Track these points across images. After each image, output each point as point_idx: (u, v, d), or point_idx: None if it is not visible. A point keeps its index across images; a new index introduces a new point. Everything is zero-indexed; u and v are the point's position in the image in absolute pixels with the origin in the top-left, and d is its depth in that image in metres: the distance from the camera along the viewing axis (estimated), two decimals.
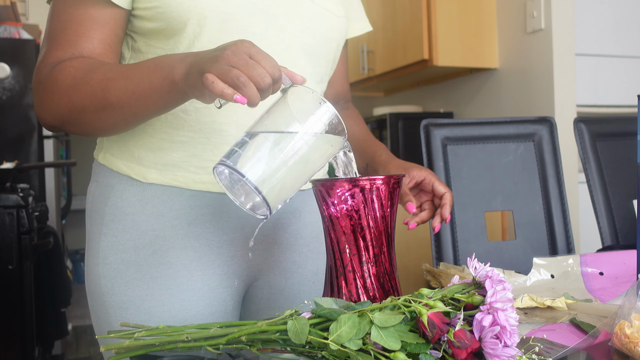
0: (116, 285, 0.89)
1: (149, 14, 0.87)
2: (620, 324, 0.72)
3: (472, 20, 2.75)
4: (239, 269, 0.95)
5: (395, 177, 0.75)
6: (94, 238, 0.93)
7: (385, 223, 0.75)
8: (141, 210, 0.90)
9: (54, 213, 3.00)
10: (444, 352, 0.59)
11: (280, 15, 0.91)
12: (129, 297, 0.89)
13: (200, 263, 0.91)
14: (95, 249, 0.92)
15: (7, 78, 2.93)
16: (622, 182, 1.53)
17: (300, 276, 1.00)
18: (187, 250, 0.90)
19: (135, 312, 0.89)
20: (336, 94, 1.13)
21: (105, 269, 0.90)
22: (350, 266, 0.75)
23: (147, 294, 0.89)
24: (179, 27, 0.86)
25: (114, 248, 0.90)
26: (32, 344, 2.05)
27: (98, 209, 0.93)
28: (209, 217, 0.92)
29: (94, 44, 0.86)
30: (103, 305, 0.91)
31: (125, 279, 0.89)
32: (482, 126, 1.52)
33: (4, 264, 1.99)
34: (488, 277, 0.62)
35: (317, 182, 0.75)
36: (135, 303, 0.89)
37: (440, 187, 0.97)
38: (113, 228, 0.91)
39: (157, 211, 0.90)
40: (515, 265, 1.23)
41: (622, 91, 2.64)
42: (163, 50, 0.89)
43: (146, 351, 0.67)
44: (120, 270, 0.89)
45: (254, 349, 0.64)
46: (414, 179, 0.98)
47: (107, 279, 0.90)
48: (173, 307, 0.89)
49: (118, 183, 0.92)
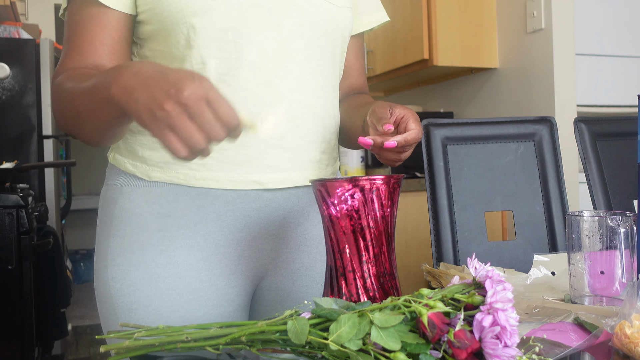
0: (125, 286, 0.89)
1: (146, 17, 0.88)
2: (620, 324, 0.72)
3: (472, 20, 2.74)
4: (247, 268, 0.95)
5: (396, 177, 0.75)
6: (102, 241, 0.93)
7: (385, 223, 0.75)
8: (148, 211, 0.91)
9: (54, 213, 3.00)
10: (444, 352, 0.59)
11: (275, 9, 0.90)
12: (138, 298, 0.89)
13: (207, 263, 0.91)
14: (104, 251, 0.92)
15: (7, 78, 2.93)
16: (622, 182, 1.53)
17: (308, 278, 1.00)
18: (194, 250, 0.90)
19: (144, 313, 0.89)
20: (351, 87, 1.12)
21: (114, 270, 0.90)
22: (350, 266, 0.75)
23: (155, 294, 0.89)
24: (172, 27, 0.86)
25: (122, 249, 0.90)
26: (32, 344, 2.05)
27: (108, 212, 0.94)
28: (214, 216, 0.91)
29: (96, 47, 0.87)
30: (112, 307, 0.90)
31: (134, 279, 0.89)
32: (482, 126, 1.52)
33: (4, 264, 1.99)
34: (488, 277, 0.62)
35: (316, 182, 0.75)
36: (144, 304, 0.89)
37: (412, 125, 0.85)
38: (121, 229, 0.91)
39: (164, 211, 0.91)
40: (516, 266, 1.23)
41: (622, 91, 2.64)
42: (164, 52, 0.89)
43: (146, 351, 0.67)
44: (129, 271, 0.89)
45: (253, 349, 0.64)
46: (394, 115, 0.88)
47: (116, 280, 0.90)
48: (181, 307, 0.89)
49: (126, 185, 0.93)
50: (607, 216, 0.89)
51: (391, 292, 0.75)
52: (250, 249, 0.94)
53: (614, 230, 0.89)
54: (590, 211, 0.93)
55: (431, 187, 1.45)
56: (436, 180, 1.45)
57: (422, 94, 3.41)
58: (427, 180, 1.45)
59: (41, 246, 2.17)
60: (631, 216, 0.89)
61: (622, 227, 0.88)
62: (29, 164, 2.66)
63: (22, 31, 3.12)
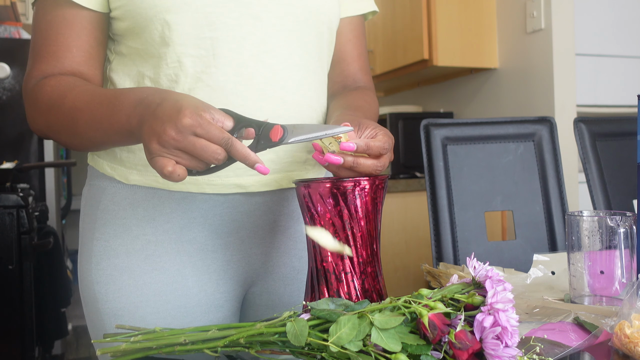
0: (110, 292, 0.87)
1: (119, 13, 0.85)
2: (620, 324, 0.72)
3: (472, 20, 2.74)
4: (236, 273, 0.92)
5: (380, 178, 0.74)
6: (86, 242, 0.91)
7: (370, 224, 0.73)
8: (132, 214, 0.88)
9: (54, 213, 3.00)
10: (445, 353, 0.59)
11: (254, 2, 0.85)
12: (123, 304, 0.87)
13: (194, 268, 0.89)
14: (88, 253, 0.90)
15: (7, 78, 2.93)
16: (622, 182, 1.53)
17: (300, 282, 0.97)
18: (180, 255, 0.88)
19: (130, 320, 0.87)
20: (343, 74, 1.04)
21: (98, 274, 0.88)
22: (331, 268, 0.73)
23: (141, 300, 0.87)
24: (146, 24, 0.83)
25: (106, 253, 0.88)
26: (32, 344, 2.05)
27: (90, 212, 0.91)
28: (201, 220, 0.89)
29: (73, 53, 0.85)
30: (98, 312, 0.89)
31: (119, 285, 0.87)
32: (482, 126, 1.52)
33: (4, 264, 1.99)
34: (488, 277, 0.62)
35: (299, 183, 0.74)
36: (129, 310, 0.87)
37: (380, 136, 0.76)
38: (105, 232, 0.88)
39: (148, 215, 0.88)
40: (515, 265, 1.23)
41: (622, 91, 2.64)
42: (139, 50, 0.86)
43: (144, 354, 0.66)
44: (114, 276, 0.87)
45: (252, 351, 0.63)
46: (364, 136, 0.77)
47: (101, 285, 0.88)
48: (168, 314, 0.87)
49: (109, 186, 0.90)
50: (606, 216, 0.89)
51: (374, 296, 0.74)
52: (240, 253, 0.92)
53: (613, 230, 0.89)
54: (589, 211, 0.93)
55: (431, 187, 1.45)
56: (436, 180, 1.45)
57: (422, 94, 3.41)
58: (427, 180, 1.45)
59: (41, 246, 2.17)
60: (631, 216, 0.89)
61: (621, 227, 0.88)
62: (29, 164, 2.66)
63: (23, 31, 3.12)
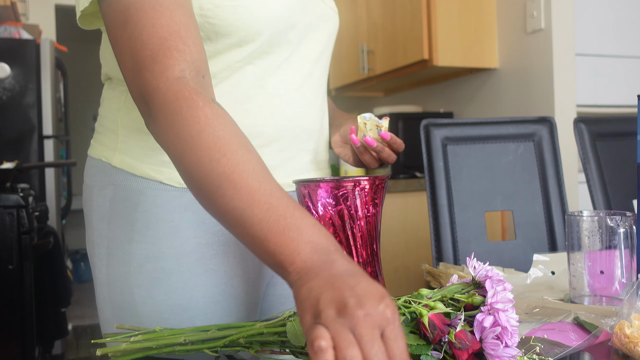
0: (155, 295, 0.86)
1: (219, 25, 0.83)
2: (620, 324, 0.72)
3: (472, 20, 2.75)
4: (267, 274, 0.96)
5: (380, 178, 0.74)
6: (120, 246, 0.88)
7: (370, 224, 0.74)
8: (180, 217, 0.87)
9: (54, 213, 3.00)
10: (444, 353, 0.59)
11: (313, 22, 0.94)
12: (170, 307, 0.86)
13: (240, 268, 0.90)
14: (125, 257, 0.87)
15: (7, 78, 2.93)
16: (622, 182, 1.53)
17: None
18: (228, 257, 0.89)
19: (177, 322, 0.86)
20: None
21: (140, 278, 0.86)
22: None
23: (190, 302, 0.86)
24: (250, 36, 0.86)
25: (151, 256, 0.86)
26: (32, 344, 2.05)
27: (124, 214, 0.88)
28: None
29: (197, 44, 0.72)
30: (136, 316, 0.87)
31: (165, 288, 0.86)
32: (482, 126, 1.52)
33: (4, 264, 1.99)
34: (488, 277, 0.62)
35: (299, 183, 0.75)
36: (177, 312, 0.86)
37: None
38: (148, 235, 0.86)
39: (198, 218, 0.87)
40: (515, 265, 1.23)
41: (622, 91, 2.64)
42: None
43: (144, 354, 0.66)
44: (160, 280, 0.86)
45: (252, 351, 0.63)
46: None
47: (143, 288, 0.86)
48: (216, 315, 0.88)
49: (148, 188, 0.87)
50: (606, 216, 0.89)
51: None
52: None
53: (613, 230, 0.89)
54: (589, 211, 0.93)
55: (431, 187, 1.45)
56: (436, 180, 1.45)
57: (422, 94, 3.41)
58: (427, 180, 1.45)
59: (41, 246, 2.17)
60: (630, 216, 0.89)
61: (621, 227, 0.88)
62: (29, 164, 2.66)
63: (23, 31, 3.12)
